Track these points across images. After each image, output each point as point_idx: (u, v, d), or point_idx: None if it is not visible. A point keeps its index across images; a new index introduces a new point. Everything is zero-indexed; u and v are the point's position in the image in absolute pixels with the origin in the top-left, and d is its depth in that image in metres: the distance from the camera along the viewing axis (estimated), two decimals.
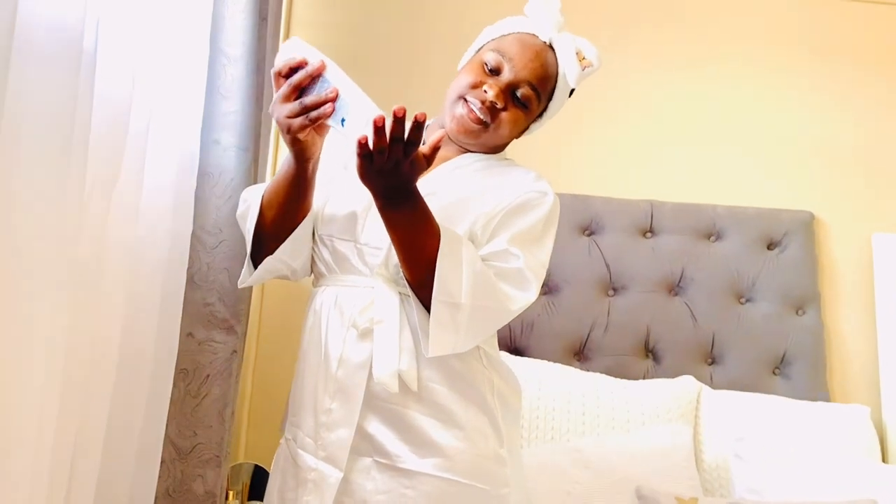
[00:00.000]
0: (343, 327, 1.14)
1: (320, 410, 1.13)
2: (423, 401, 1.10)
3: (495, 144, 1.25)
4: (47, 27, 0.81)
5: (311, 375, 1.17)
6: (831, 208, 2.30)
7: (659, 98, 2.34)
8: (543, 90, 1.21)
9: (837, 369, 2.21)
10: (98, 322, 1.05)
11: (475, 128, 1.17)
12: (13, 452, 0.72)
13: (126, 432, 1.21)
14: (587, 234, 2.21)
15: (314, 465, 1.13)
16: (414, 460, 1.09)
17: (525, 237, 1.14)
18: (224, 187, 1.57)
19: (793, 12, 2.41)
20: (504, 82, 1.16)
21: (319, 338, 1.16)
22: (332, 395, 1.12)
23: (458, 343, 1.08)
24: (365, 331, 1.11)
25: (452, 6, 2.32)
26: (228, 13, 1.60)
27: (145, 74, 1.18)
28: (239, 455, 2.03)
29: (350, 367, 1.12)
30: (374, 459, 1.10)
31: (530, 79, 1.17)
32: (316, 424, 1.14)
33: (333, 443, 1.11)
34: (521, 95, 1.18)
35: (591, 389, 1.97)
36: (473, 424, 1.12)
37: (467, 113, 1.17)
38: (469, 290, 1.04)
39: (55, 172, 0.78)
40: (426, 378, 1.11)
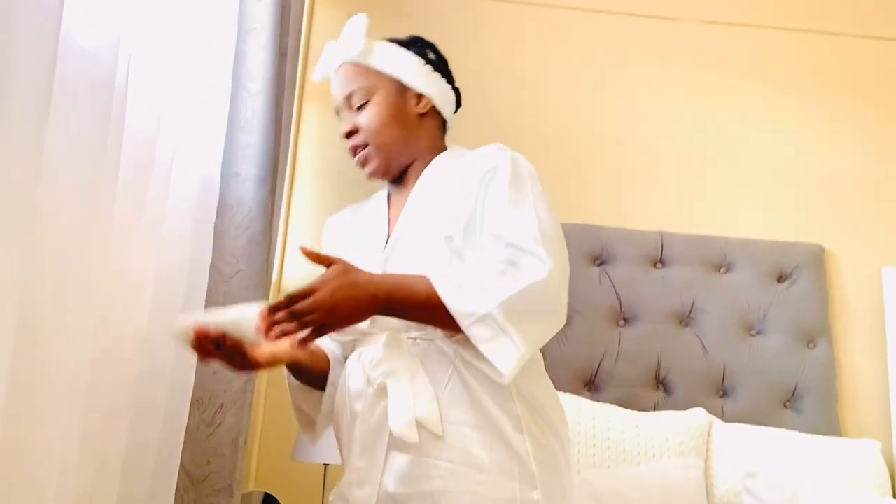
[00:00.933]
0: (361, 385, 1.13)
1: (351, 469, 1.12)
2: (446, 445, 1.06)
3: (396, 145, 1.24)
4: (84, 62, 0.85)
5: (342, 435, 1.17)
6: (842, 241, 2.31)
7: (670, 131, 2.37)
8: (359, 80, 1.24)
9: (848, 403, 2.20)
10: (119, 348, 1.07)
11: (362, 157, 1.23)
12: (38, 476, 0.73)
13: (142, 460, 1.22)
14: (598, 263, 2.23)
15: None
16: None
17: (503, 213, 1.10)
18: (242, 218, 1.60)
19: (804, 49, 2.45)
20: (342, 116, 1.25)
21: (344, 398, 1.16)
22: (360, 454, 1.11)
23: (520, 348, 1.02)
24: (381, 386, 1.10)
25: (463, 39, 2.38)
26: (250, 49, 1.64)
27: (171, 109, 1.22)
28: (249, 483, 2.03)
29: (369, 424, 1.10)
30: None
31: (343, 91, 1.24)
32: (347, 482, 1.13)
33: (359, 500, 1.09)
34: (357, 101, 1.23)
35: (602, 420, 1.97)
36: (497, 466, 1.06)
37: (356, 161, 1.24)
38: (484, 297, 1.01)
39: (88, 203, 0.81)
40: (447, 420, 1.07)
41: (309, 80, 2.32)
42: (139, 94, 1.08)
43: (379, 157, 1.22)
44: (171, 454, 1.31)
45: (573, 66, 2.41)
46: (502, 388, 1.09)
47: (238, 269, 1.56)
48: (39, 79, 0.73)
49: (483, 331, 1.01)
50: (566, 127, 2.37)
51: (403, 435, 1.05)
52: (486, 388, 1.08)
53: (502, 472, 1.06)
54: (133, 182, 1.07)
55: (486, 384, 1.08)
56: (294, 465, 1.95)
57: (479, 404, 1.08)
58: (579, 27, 2.44)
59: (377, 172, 1.23)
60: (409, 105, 1.24)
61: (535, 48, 2.42)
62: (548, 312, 1.06)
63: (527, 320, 1.03)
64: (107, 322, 0.99)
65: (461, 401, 1.08)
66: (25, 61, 0.72)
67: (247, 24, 1.64)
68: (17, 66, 0.71)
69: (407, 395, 1.07)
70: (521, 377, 1.10)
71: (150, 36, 1.13)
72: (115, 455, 1.10)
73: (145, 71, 1.11)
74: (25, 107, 0.72)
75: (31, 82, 0.73)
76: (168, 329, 1.14)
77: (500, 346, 1.01)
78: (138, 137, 1.09)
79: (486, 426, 1.08)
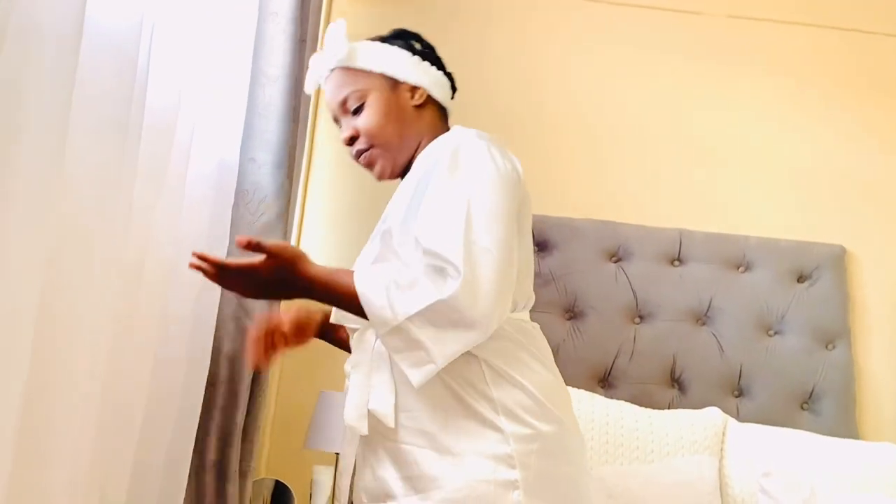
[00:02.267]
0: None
1: (340, 457, 1.19)
2: (412, 431, 1.08)
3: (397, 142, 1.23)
4: (108, 42, 0.84)
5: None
6: (864, 243, 2.27)
7: (692, 128, 2.34)
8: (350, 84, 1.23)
9: (867, 406, 2.17)
10: (135, 333, 1.07)
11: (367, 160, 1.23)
12: (52, 457, 0.73)
13: (156, 444, 1.22)
14: (614, 260, 2.20)
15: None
16: (413, 497, 1.06)
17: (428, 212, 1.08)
18: (258, 203, 1.59)
19: (829, 46, 2.41)
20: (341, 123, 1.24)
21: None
22: (344, 442, 1.17)
23: (430, 360, 1.02)
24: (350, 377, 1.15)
25: (478, 32, 2.36)
26: (270, 34, 1.63)
27: (191, 91, 1.21)
28: (260, 470, 2.03)
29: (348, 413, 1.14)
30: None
31: (337, 98, 1.23)
32: (338, 473, 1.18)
33: (341, 488, 1.15)
34: (352, 105, 1.22)
35: (616, 417, 1.95)
36: (467, 447, 1.06)
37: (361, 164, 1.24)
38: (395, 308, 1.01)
39: (110, 182, 0.80)
40: (410, 408, 1.08)
41: None
42: (160, 75, 1.07)
43: (383, 158, 1.22)
44: (185, 439, 1.31)
45: (592, 61, 2.38)
46: (474, 372, 1.09)
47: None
48: (64, 63, 0.73)
49: (396, 342, 1.02)
50: (584, 123, 2.34)
51: (354, 426, 1.09)
52: (457, 373, 1.08)
53: (474, 453, 1.06)
54: (153, 164, 1.07)
55: (457, 370, 1.08)
56: (306, 454, 1.95)
57: (448, 390, 1.08)
58: (599, 20, 2.41)
59: (385, 173, 1.23)
60: (403, 99, 1.24)
61: (552, 41, 2.40)
62: (458, 328, 1.02)
63: (439, 335, 1.02)
64: (125, 305, 0.98)
65: (429, 389, 1.07)
66: (49, 45, 0.71)
67: (267, 8, 1.63)
68: (40, 50, 0.70)
69: (363, 387, 1.10)
70: (499, 358, 1.10)
71: (172, 16, 1.12)
72: (130, 439, 1.09)
73: (166, 52, 1.10)
74: (51, 89, 0.71)
75: (55, 67, 0.72)
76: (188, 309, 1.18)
77: (410, 359, 1.02)
78: (159, 119, 1.08)
79: (455, 411, 1.08)
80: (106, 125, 0.82)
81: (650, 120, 2.34)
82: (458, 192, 1.06)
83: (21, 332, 0.65)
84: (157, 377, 1.17)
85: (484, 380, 1.09)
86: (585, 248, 2.16)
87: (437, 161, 1.10)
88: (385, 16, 2.32)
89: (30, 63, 0.69)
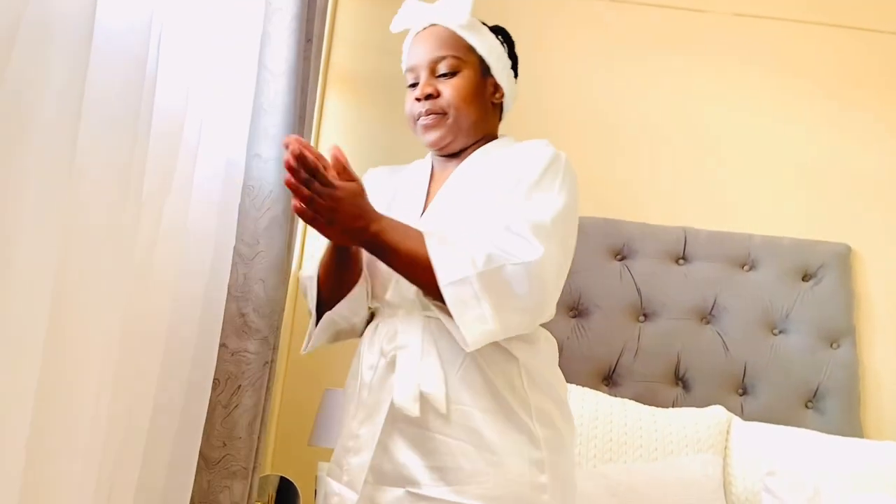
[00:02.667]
0: (374, 356, 1.15)
1: (349, 437, 1.15)
2: (453, 424, 1.07)
3: (468, 122, 1.23)
4: (117, 37, 0.84)
5: (348, 403, 1.20)
6: (869, 241, 2.27)
7: (697, 126, 2.34)
8: (453, 49, 1.22)
9: (871, 405, 2.17)
10: (143, 329, 1.07)
11: (435, 122, 1.21)
12: (63, 454, 0.73)
13: (162, 440, 1.22)
14: (619, 258, 2.20)
15: (338, 491, 1.14)
16: (443, 488, 1.06)
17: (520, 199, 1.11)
18: (263, 199, 1.59)
19: (834, 44, 2.40)
20: (424, 76, 1.22)
21: (357, 369, 1.18)
22: (361, 421, 1.13)
23: (489, 321, 1.02)
24: (392, 358, 1.12)
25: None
26: (275, 30, 1.63)
27: (198, 87, 1.21)
28: (266, 467, 2.03)
29: (375, 392, 1.12)
30: (407, 490, 1.08)
31: (434, 54, 1.22)
32: (343, 450, 1.15)
33: (355, 467, 1.11)
34: (444, 68, 1.21)
35: (620, 415, 1.95)
36: (508, 449, 1.08)
37: (424, 122, 1.22)
38: (467, 263, 1.02)
39: (119, 179, 0.80)
40: (457, 401, 1.08)
41: (333, 66, 2.31)
42: (168, 74, 1.07)
43: (451, 131, 1.22)
44: (192, 436, 1.31)
45: (597, 59, 2.38)
46: (514, 375, 1.11)
47: (258, 251, 1.55)
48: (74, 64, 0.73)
49: (458, 293, 1.01)
50: (588, 120, 2.34)
51: (405, 408, 1.06)
52: (499, 373, 1.10)
53: (513, 455, 1.07)
54: (161, 161, 1.07)
55: (499, 369, 1.10)
56: (311, 451, 1.95)
57: (491, 388, 1.09)
58: (604, 18, 2.41)
59: (440, 143, 1.23)
60: (488, 91, 1.26)
61: (559, 39, 2.40)
62: (528, 298, 1.05)
63: (505, 298, 1.03)
64: (133, 301, 0.98)
65: (473, 384, 1.09)
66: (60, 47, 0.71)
67: (272, 5, 1.63)
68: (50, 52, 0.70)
69: (414, 370, 1.08)
70: (534, 362, 1.14)
71: (180, 15, 1.11)
72: (138, 435, 1.09)
73: (174, 51, 1.09)
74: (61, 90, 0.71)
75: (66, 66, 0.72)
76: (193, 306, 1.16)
77: (471, 314, 1.01)
78: (167, 117, 1.08)
79: (497, 410, 1.09)
80: (116, 125, 0.82)
81: (655, 118, 2.34)
82: (547, 192, 1.12)
83: (34, 330, 0.65)
84: (163, 374, 1.17)
85: (522, 384, 1.11)
86: (590, 246, 2.16)
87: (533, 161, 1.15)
88: (391, 13, 2.32)
89: (39, 64, 0.69)
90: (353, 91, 2.28)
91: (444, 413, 1.06)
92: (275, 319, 1.58)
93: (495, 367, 1.09)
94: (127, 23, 0.87)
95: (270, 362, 1.60)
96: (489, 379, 1.09)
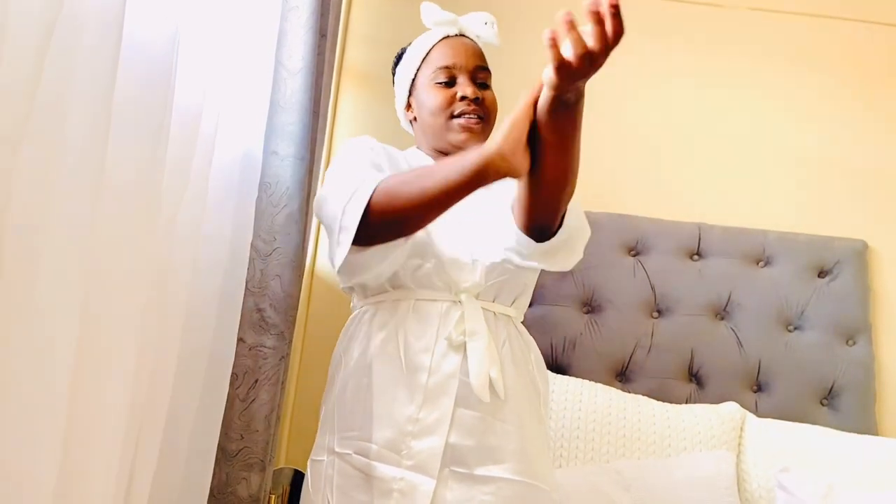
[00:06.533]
0: (430, 339, 1.15)
1: (405, 421, 1.13)
2: (502, 409, 1.14)
3: (488, 134, 1.32)
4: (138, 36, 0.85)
5: (387, 387, 1.16)
6: (885, 238, 2.25)
7: (711, 121, 2.33)
8: (484, 62, 1.37)
9: (887, 402, 2.15)
10: (163, 323, 1.09)
11: (478, 126, 1.29)
12: (94, 446, 0.75)
13: (181, 433, 1.24)
14: (633, 254, 2.20)
15: (399, 475, 1.11)
16: (490, 467, 1.11)
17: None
18: (280, 196, 1.61)
19: (851, 39, 2.38)
20: (467, 80, 1.30)
21: (397, 350, 1.17)
22: (420, 404, 1.13)
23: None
24: (457, 343, 1.14)
25: (504, 23, 2.34)
26: (291, 28, 1.64)
27: (216, 85, 1.22)
28: (280, 460, 2.06)
29: (440, 376, 1.14)
30: (451, 469, 1.11)
31: (477, 63, 1.33)
32: (400, 434, 1.13)
33: (423, 451, 1.11)
34: (482, 79, 1.34)
35: (633, 411, 1.95)
36: (537, 432, 1.18)
37: (465, 123, 1.28)
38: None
39: (139, 178, 0.81)
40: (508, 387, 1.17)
41: (347, 63, 2.32)
42: (187, 75, 1.09)
43: (483, 135, 1.29)
44: (211, 429, 1.33)
45: (610, 55, 2.37)
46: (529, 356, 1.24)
47: (275, 247, 1.57)
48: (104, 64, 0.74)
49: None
50: (602, 116, 2.33)
51: (481, 393, 1.12)
52: (524, 354, 1.22)
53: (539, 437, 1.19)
54: (180, 160, 1.08)
55: (524, 350, 1.22)
56: None
57: (521, 372, 1.20)
58: None
59: (472, 143, 1.28)
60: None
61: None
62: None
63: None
64: (152, 297, 1.00)
65: (512, 367, 1.19)
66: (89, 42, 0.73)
67: (288, 3, 1.64)
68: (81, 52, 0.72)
69: (485, 356, 1.13)
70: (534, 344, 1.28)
71: (199, 16, 1.13)
72: (156, 429, 1.11)
73: (192, 51, 1.11)
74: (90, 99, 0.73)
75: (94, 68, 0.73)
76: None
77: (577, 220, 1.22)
78: (185, 117, 1.10)
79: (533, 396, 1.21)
80: (137, 124, 0.84)
81: (669, 114, 2.33)
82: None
83: (66, 329, 0.67)
84: (182, 368, 1.19)
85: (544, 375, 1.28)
86: (603, 242, 2.16)
87: None
88: (404, 10, 2.33)
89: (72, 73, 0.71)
90: (367, 87, 2.29)
91: (502, 398, 1.14)
92: (290, 315, 1.60)
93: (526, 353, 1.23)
94: (151, 26, 0.89)
95: (286, 357, 1.62)
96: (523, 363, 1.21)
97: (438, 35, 1.36)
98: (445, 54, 1.32)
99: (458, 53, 1.31)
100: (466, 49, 1.33)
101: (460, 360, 1.12)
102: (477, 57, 1.33)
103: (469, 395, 1.11)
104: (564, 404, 1.93)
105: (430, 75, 1.32)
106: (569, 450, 1.88)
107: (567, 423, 1.88)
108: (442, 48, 1.34)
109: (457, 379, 1.12)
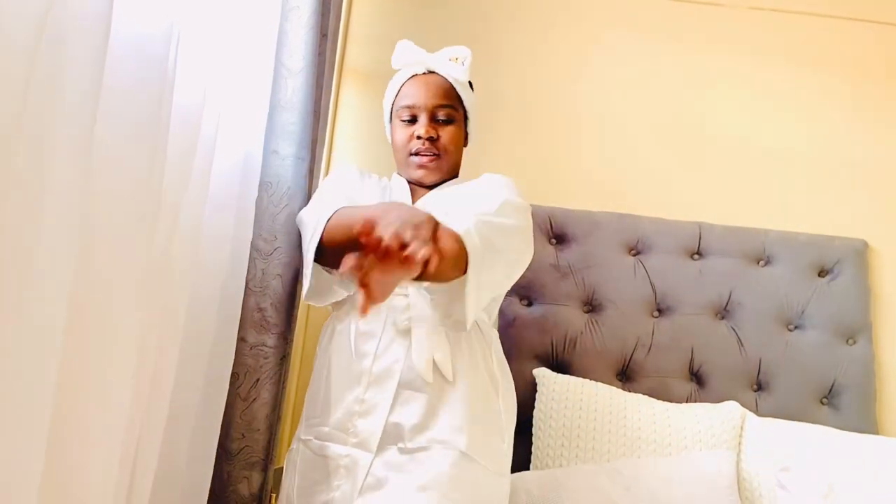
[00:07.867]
0: (377, 326, 1.25)
1: (352, 401, 1.23)
2: (449, 390, 1.20)
3: (452, 165, 1.47)
4: (137, 36, 0.85)
5: (339, 375, 1.27)
6: (886, 237, 2.25)
7: (712, 121, 2.33)
8: (452, 100, 1.45)
9: (887, 401, 2.15)
10: (163, 323, 1.09)
11: (432, 163, 1.41)
12: (95, 445, 0.75)
13: (182, 432, 1.25)
14: (633, 253, 2.20)
15: (346, 453, 1.21)
16: (427, 435, 1.18)
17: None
18: (281, 196, 1.61)
19: (851, 38, 2.38)
20: (424, 119, 1.42)
21: (348, 339, 1.28)
22: (367, 386, 1.23)
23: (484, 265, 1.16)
24: (404, 329, 1.23)
25: (505, 25, 2.35)
26: (291, 28, 1.64)
27: (216, 84, 1.23)
28: (281, 458, 2.06)
29: (386, 360, 1.23)
30: (398, 447, 1.19)
31: (437, 101, 1.43)
32: (347, 414, 1.23)
33: (366, 429, 1.20)
34: (443, 116, 1.43)
35: (633, 410, 1.95)
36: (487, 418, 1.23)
37: (418, 161, 1.42)
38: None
39: (139, 177, 0.82)
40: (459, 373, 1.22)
41: (348, 62, 2.32)
42: (186, 74, 1.09)
43: (439, 171, 1.44)
44: (211, 429, 1.33)
45: (610, 54, 2.37)
46: (489, 350, 1.29)
47: (276, 247, 1.57)
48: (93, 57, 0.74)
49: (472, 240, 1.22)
50: (603, 116, 2.34)
51: (423, 373, 1.20)
52: (482, 348, 1.27)
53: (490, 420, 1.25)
54: (180, 159, 1.09)
55: (482, 345, 1.28)
56: None
57: (477, 362, 1.26)
58: (618, 12, 2.40)
59: (429, 179, 1.45)
60: (463, 139, 1.50)
61: (569, 34, 2.39)
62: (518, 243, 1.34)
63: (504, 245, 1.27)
64: (152, 296, 1.00)
65: (468, 357, 1.24)
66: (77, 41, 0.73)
67: (289, 2, 1.65)
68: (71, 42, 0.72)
69: (429, 340, 1.22)
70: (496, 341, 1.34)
71: (198, 15, 1.13)
72: (157, 429, 1.12)
73: (192, 50, 1.11)
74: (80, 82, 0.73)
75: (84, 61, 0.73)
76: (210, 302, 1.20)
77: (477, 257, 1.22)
78: (185, 116, 1.10)
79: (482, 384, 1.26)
80: (136, 123, 0.84)
81: (669, 112, 2.33)
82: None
83: (52, 325, 0.67)
84: (183, 367, 1.19)
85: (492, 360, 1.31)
86: (604, 241, 2.16)
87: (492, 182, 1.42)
88: (404, 10, 2.33)
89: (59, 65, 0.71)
90: (368, 87, 2.30)
91: (450, 380, 1.20)
92: (292, 314, 1.60)
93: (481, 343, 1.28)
94: (146, 22, 0.89)
95: (287, 356, 1.62)
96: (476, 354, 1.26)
97: (408, 73, 1.48)
98: (408, 94, 1.44)
99: (419, 93, 1.42)
100: (429, 88, 1.42)
101: (407, 345, 1.21)
102: (439, 95, 1.42)
103: (415, 378, 1.20)
104: (564, 403, 1.93)
105: (398, 112, 1.47)
106: (569, 449, 1.89)
107: (567, 422, 1.88)
108: (408, 87, 1.46)
109: (402, 363, 1.20)
